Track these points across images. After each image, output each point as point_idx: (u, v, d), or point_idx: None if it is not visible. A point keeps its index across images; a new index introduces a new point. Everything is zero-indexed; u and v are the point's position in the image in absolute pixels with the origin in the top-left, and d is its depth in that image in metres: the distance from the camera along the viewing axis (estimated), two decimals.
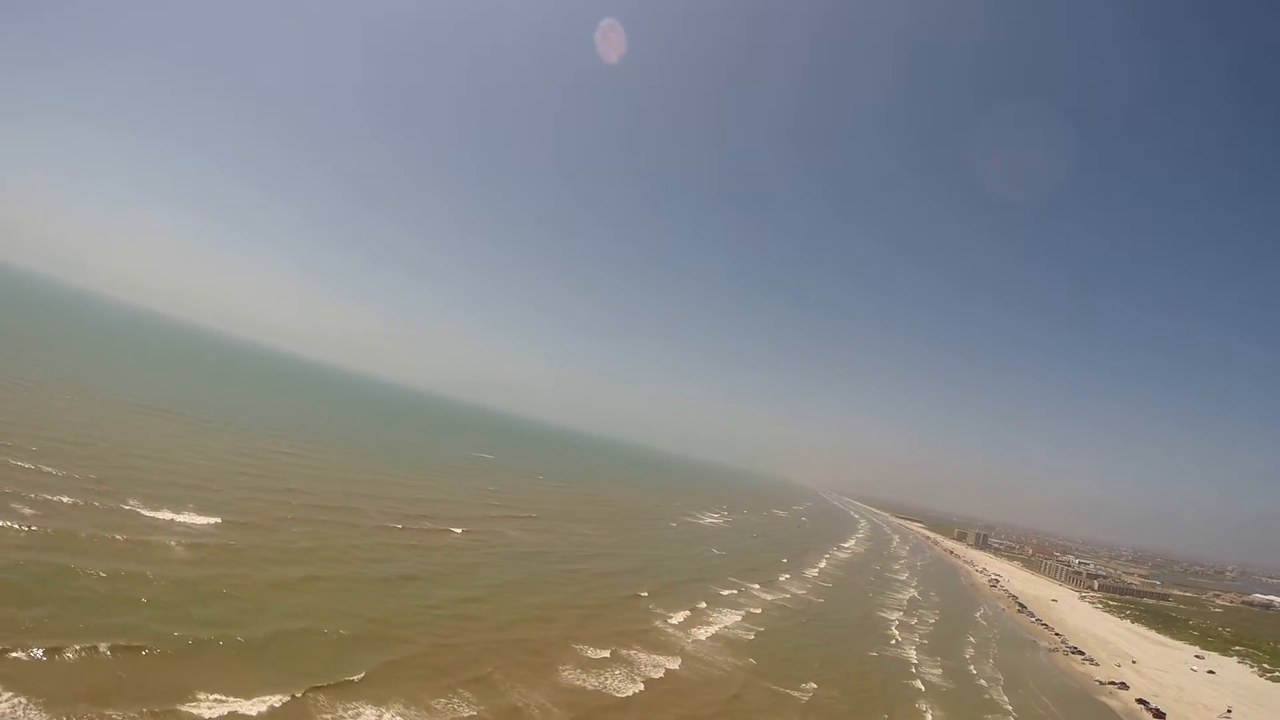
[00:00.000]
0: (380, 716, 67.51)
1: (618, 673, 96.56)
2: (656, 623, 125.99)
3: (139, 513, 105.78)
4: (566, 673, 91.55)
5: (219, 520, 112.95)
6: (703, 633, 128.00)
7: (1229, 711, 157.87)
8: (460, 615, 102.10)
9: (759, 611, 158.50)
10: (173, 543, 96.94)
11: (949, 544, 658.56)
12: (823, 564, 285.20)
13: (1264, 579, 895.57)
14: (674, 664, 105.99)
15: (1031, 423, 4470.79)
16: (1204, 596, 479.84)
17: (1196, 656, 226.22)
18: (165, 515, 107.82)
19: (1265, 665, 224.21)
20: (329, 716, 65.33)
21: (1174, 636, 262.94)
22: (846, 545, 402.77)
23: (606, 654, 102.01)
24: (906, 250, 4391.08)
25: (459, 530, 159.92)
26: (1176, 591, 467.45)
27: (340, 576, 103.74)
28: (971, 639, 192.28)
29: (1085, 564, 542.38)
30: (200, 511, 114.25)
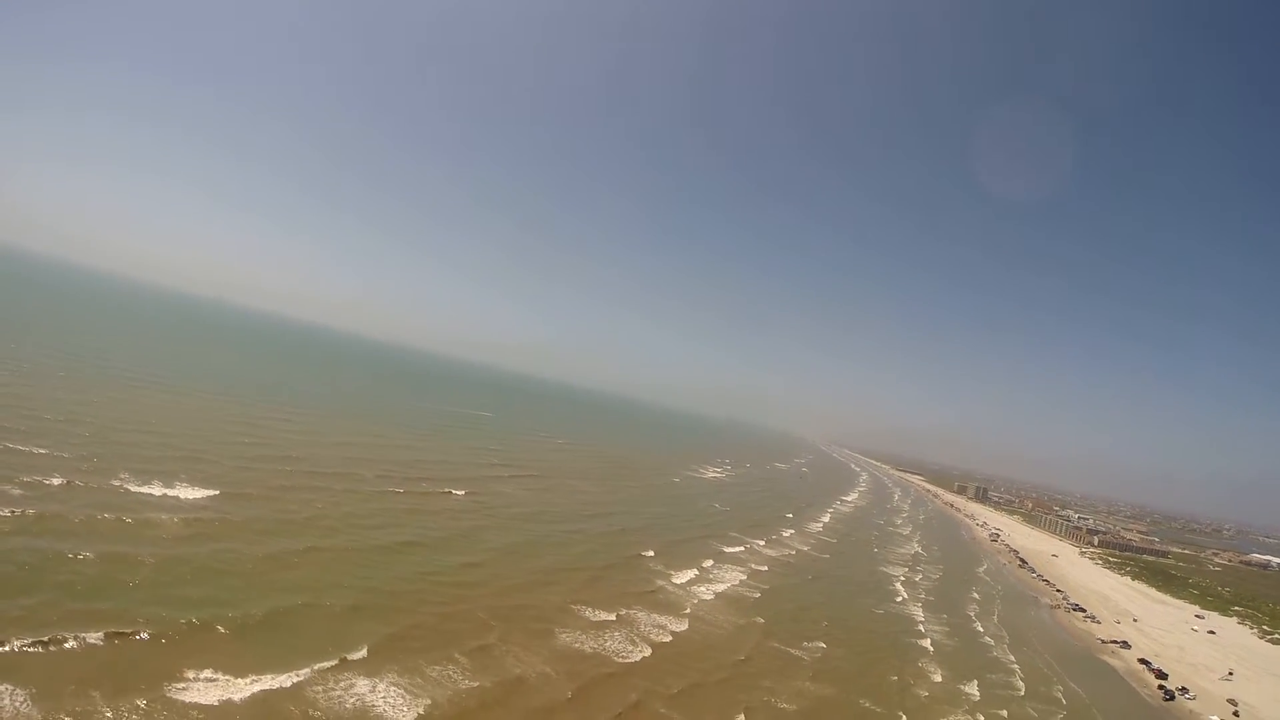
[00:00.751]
0: (379, 692, 65.96)
1: (623, 637, 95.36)
2: (661, 583, 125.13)
3: (129, 489, 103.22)
4: (570, 638, 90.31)
5: (213, 493, 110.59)
6: (708, 592, 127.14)
7: (1230, 674, 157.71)
8: (462, 582, 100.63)
9: (764, 569, 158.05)
10: (165, 519, 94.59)
11: (949, 497, 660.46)
12: (826, 518, 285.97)
13: (1261, 538, 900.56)
14: (680, 626, 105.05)
15: (1032, 380, 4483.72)
16: (1202, 554, 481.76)
17: (1197, 616, 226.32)
18: (157, 491, 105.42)
19: (1265, 627, 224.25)
20: (326, 695, 63.66)
21: (1174, 595, 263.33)
22: (848, 499, 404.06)
23: (611, 617, 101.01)
24: (907, 215, 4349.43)
25: (459, 492, 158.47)
26: (1175, 549, 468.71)
27: (339, 547, 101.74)
28: (974, 595, 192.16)
29: (1084, 519, 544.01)
30: (193, 485, 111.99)
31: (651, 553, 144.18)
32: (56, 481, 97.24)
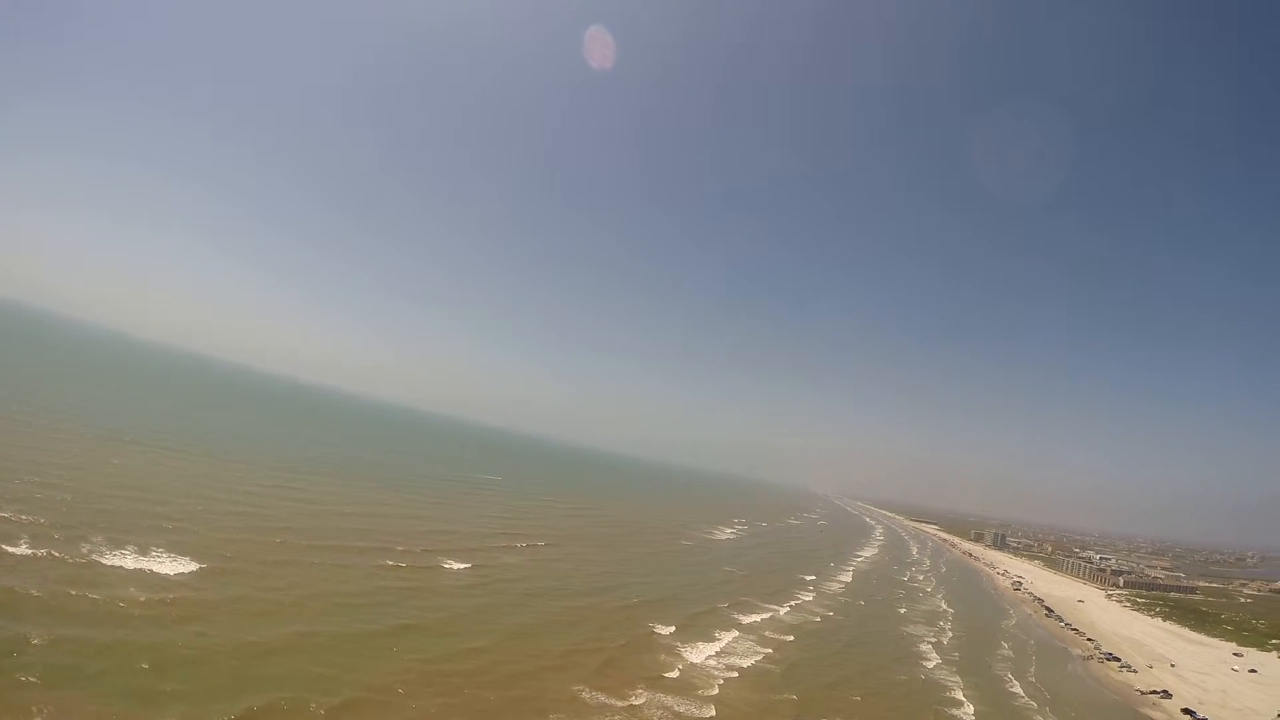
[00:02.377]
0: None
1: None
2: (680, 663, 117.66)
3: (101, 561, 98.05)
4: None
5: (193, 567, 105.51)
6: (731, 670, 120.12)
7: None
8: (463, 671, 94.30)
9: (788, 638, 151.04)
10: (136, 596, 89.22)
11: (966, 546, 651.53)
12: (845, 577, 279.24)
13: None
14: (704, 712, 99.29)
15: (1039, 418, 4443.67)
16: (1230, 587, 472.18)
17: (1235, 654, 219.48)
18: (131, 563, 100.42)
19: None
20: None
21: (1208, 633, 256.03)
22: (865, 555, 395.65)
23: (629, 705, 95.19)
24: (903, 248, 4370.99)
25: (464, 566, 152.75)
26: (1202, 583, 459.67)
27: (329, 633, 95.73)
28: (1003, 653, 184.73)
29: (1107, 559, 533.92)
30: (172, 557, 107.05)
31: (671, 629, 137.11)
32: (24, 551, 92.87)
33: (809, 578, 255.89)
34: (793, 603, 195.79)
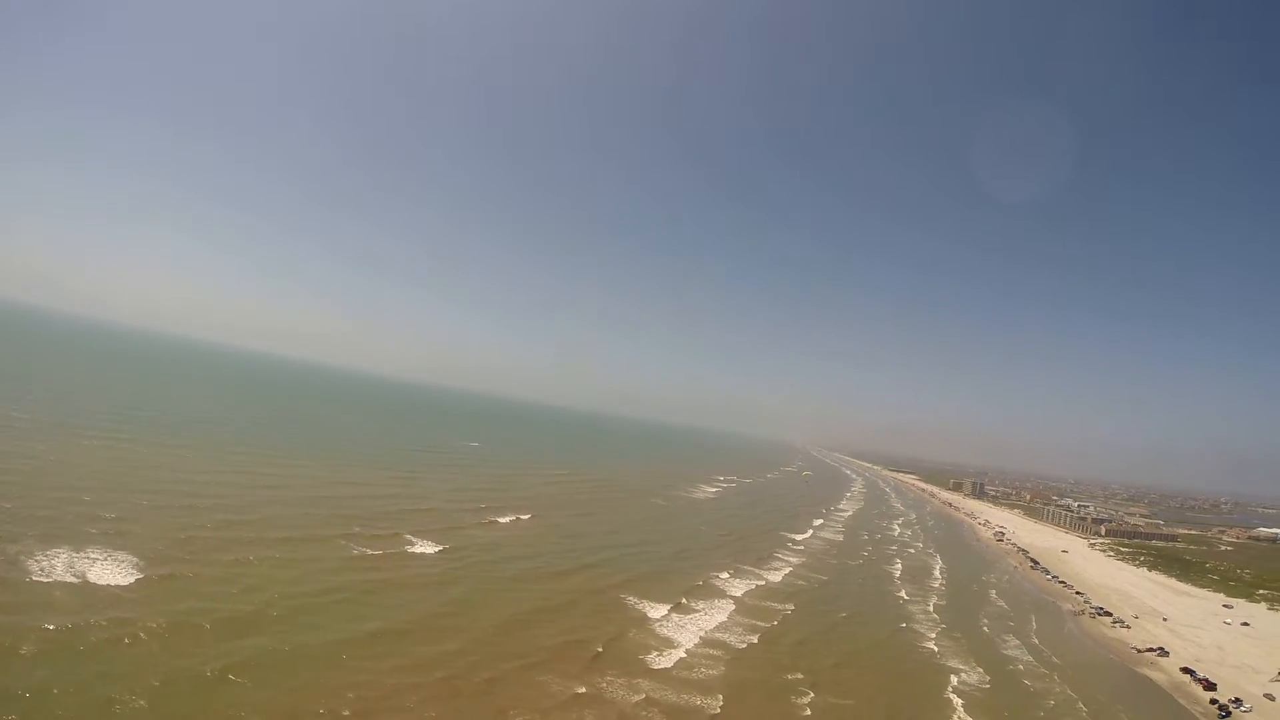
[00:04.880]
0: None
1: None
2: (678, 651, 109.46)
3: (21, 573, 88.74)
4: None
5: (132, 578, 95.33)
6: (733, 654, 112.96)
7: None
8: (437, 682, 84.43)
9: (789, 610, 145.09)
10: (65, 610, 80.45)
11: (946, 496, 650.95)
12: (831, 535, 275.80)
13: (1260, 510, 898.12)
14: (714, 705, 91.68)
15: (1018, 367, 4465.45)
16: (1209, 534, 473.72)
17: (1225, 606, 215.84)
18: (60, 573, 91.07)
19: None
20: None
21: (1195, 584, 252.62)
22: (848, 510, 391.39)
23: (626, 705, 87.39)
24: (873, 207, 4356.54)
25: (438, 549, 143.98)
26: (1182, 530, 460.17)
27: (289, 647, 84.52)
28: (994, 613, 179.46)
29: (1085, 506, 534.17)
30: (110, 564, 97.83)
31: (664, 610, 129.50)
32: None
33: (797, 537, 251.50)
34: (784, 568, 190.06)
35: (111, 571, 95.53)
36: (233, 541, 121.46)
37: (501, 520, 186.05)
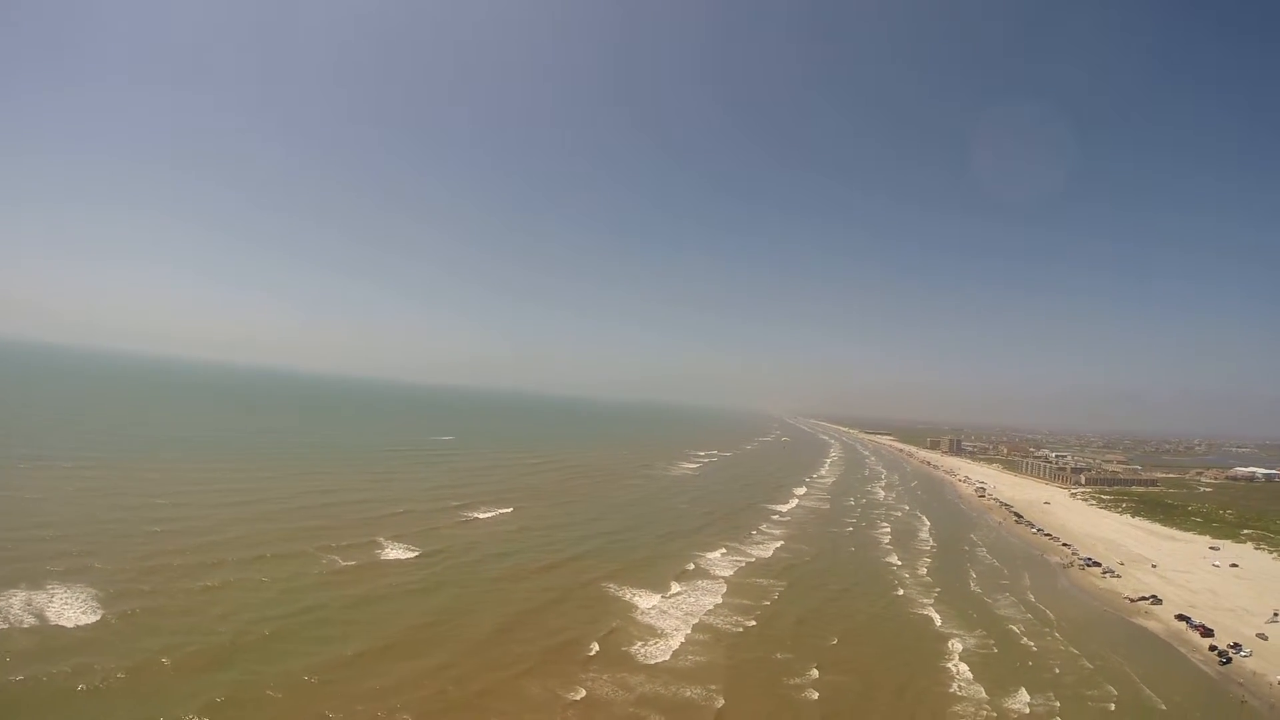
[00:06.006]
0: None
1: None
2: (673, 644, 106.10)
3: None
4: None
5: (99, 613, 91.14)
6: (730, 642, 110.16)
7: (1276, 616, 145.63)
8: (426, 699, 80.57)
9: (781, 589, 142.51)
10: (26, 653, 76.31)
11: (924, 454, 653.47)
12: (815, 503, 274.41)
13: (1234, 449, 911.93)
14: (715, 704, 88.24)
15: (984, 324, 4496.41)
16: (1187, 477, 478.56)
17: (1211, 548, 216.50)
18: (19, 612, 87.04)
19: None
20: None
21: (1180, 528, 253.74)
22: (828, 478, 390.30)
23: (625, 712, 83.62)
24: (836, 172, 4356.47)
25: (416, 554, 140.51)
26: (1160, 474, 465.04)
27: (261, 682, 79.36)
28: (983, 570, 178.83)
29: (1063, 457, 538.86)
30: (75, 599, 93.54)
31: (655, 600, 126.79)
32: None
33: (782, 509, 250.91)
34: (773, 543, 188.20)
35: (74, 611, 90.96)
36: (202, 566, 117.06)
37: (481, 516, 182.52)
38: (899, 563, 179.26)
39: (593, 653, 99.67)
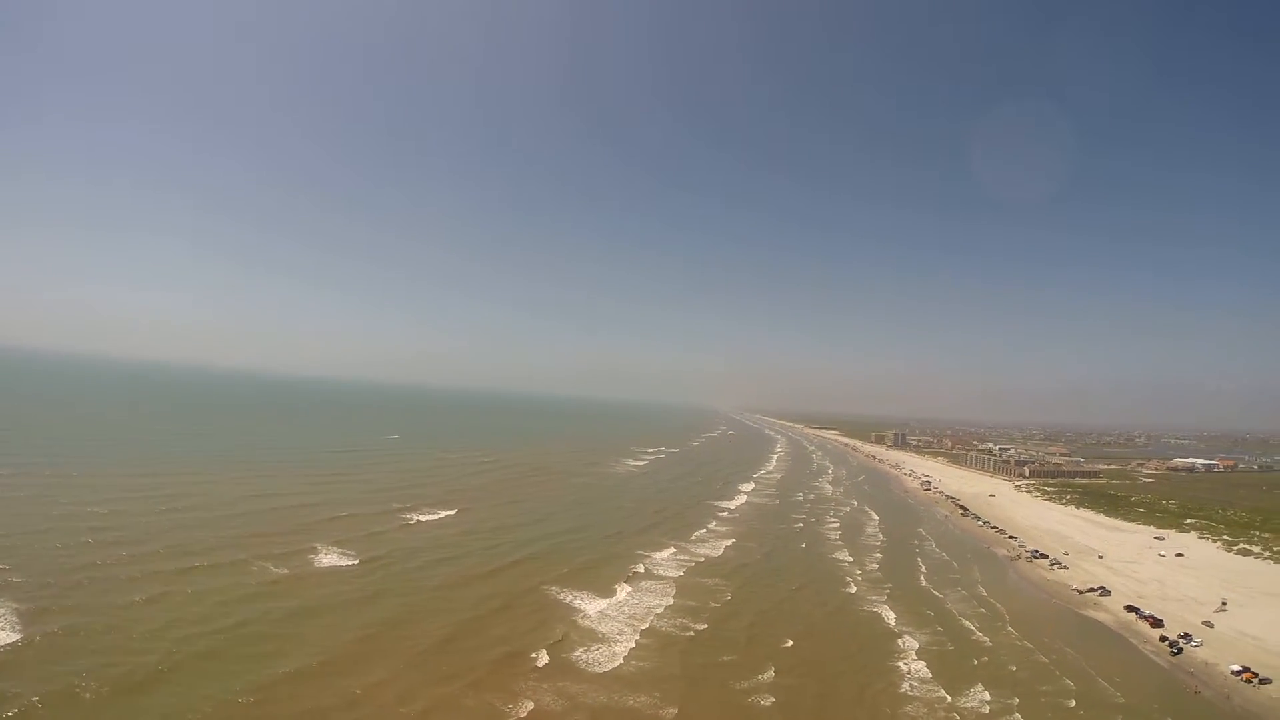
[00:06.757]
0: None
1: None
2: (624, 650, 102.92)
3: None
4: None
5: (19, 634, 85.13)
6: (684, 648, 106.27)
7: (1224, 605, 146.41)
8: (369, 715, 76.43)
9: (730, 594, 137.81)
10: None
11: (869, 449, 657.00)
12: (763, 500, 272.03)
13: (1173, 441, 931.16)
14: (638, 701, 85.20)
15: (925, 320, 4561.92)
16: (1129, 468, 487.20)
17: (1156, 538, 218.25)
18: None
19: (1226, 538, 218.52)
20: None
21: (1124, 518, 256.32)
22: (775, 475, 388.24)
23: None
24: (779, 168, 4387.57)
25: (360, 560, 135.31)
26: (1103, 466, 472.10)
27: (191, 707, 73.83)
28: (932, 566, 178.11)
29: (1007, 450, 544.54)
30: None
31: (603, 604, 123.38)
32: None
33: (731, 505, 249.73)
34: (723, 541, 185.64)
35: None
36: (132, 579, 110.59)
37: (425, 519, 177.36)
38: (849, 559, 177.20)
39: (540, 663, 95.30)
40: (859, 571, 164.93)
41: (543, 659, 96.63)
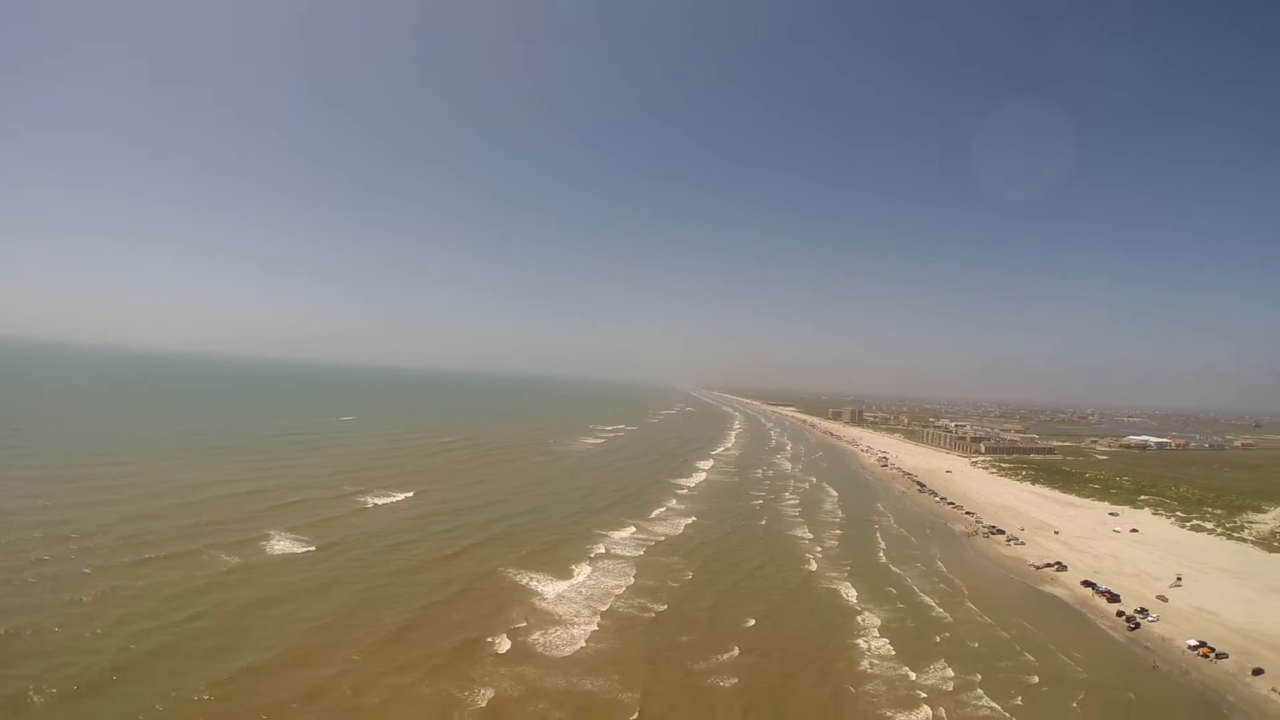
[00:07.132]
0: None
1: None
2: (585, 633, 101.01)
3: None
4: None
5: None
6: (646, 632, 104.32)
7: (1179, 580, 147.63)
8: (322, 717, 73.35)
9: (691, 573, 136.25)
10: None
11: (826, 425, 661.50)
12: (721, 478, 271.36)
13: (1125, 419, 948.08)
14: (598, 684, 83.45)
15: (876, 295, 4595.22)
16: (1083, 445, 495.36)
17: (1111, 514, 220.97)
18: None
19: (1179, 514, 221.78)
20: None
21: (1079, 494, 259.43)
22: (733, 452, 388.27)
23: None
24: (729, 149, 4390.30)
25: (314, 546, 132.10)
26: (1057, 443, 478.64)
27: (142, 708, 70.64)
28: (891, 538, 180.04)
29: (963, 426, 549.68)
30: None
31: (563, 586, 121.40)
32: None
33: (690, 483, 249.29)
34: (683, 520, 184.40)
35: None
36: (77, 576, 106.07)
37: (381, 503, 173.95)
38: (809, 536, 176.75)
39: (499, 649, 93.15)
40: (819, 549, 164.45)
41: (502, 645, 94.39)
